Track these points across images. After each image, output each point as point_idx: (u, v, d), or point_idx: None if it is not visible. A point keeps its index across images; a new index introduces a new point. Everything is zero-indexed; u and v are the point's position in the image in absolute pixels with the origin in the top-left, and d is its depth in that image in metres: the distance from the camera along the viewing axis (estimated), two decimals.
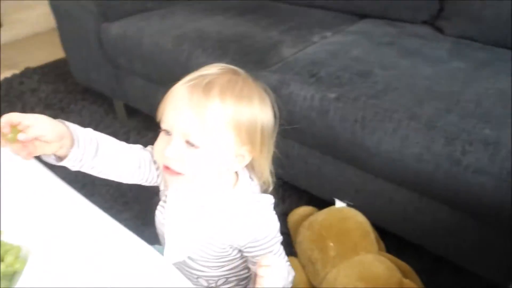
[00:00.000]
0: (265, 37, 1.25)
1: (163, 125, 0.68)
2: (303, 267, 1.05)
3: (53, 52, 2.34)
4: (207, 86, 0.65)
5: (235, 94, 0.66)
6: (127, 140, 1.60)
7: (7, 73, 2.16)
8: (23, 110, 1.84)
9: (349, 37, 1.23)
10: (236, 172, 0.75)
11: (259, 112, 0.68)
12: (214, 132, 0.65)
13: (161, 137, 0.69)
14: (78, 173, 0.91)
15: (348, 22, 1.36)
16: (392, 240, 1.08)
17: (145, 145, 0.80)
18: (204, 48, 1.21)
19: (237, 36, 1.26)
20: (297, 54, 1.16)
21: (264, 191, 0.77)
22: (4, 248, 0.65)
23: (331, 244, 1.00)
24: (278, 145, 1.11)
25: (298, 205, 1.22)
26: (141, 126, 1.69)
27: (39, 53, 2.38)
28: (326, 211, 1.08)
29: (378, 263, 0.95)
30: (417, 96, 0.93)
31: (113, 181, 1.42)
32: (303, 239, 1.06)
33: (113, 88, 1.64)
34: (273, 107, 0.71)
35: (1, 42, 2.60)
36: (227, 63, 0.72)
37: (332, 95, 0.97)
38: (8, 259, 0.63)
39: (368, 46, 1.17)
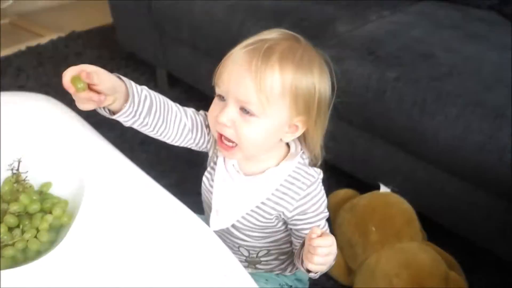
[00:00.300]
0: (320, 12, 1.21)
1: (218, 90, 0.66)
2: (341, 249, 1.02)
3: (99, 18, 2.35)
4: (267, 52, 0.62)
5: (295, 61, 0.64)
6: None
7: (53, 36, 2.18)
8: None
9: (409, 17, 1.17)
10: (287, 144, 0.73)
11: (318, 81, 0.66)
12: (271, 100, 0.63)
13: (215, 102, 0.68)
14: (117, 139, 0.91)
15: (407, 3, 1.29)
16: (435, 232, 1.03)
17: None
18: (257, 19, 1.18)
19: (292, 8, 1.22)
20: (354, 31, 1.12)
21: (312, 166, 0.75)
22: (52, 201, 0.66)
23: (373, 228, 0.97)
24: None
25: (337, 187, 1.19)
26: (183, 96, 1.68)
27: (84, 18, 2.40)
28: (369, 195, 1.04)
29: (423, 252, 0.91)
30: (484, 82, 0.88)
31: (152, 149, 1.44)
32: (343, 221, 1.03)
33: (157, 56, 1.63)
34: (331, 79, 0.69)
35: (48, 5, 2.64)
36: None
37: (391, 75, 0.92)
38: (56, 212, 0.64)
39: (429, 27, 1.11)
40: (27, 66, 1.92)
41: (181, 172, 1.38)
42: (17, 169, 0.68)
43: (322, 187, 0.73)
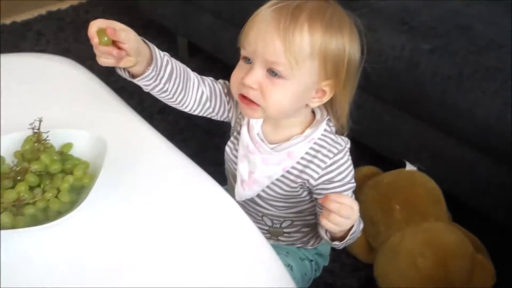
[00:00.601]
0: None
1: (244, 52, 0.64)
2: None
3: None
4: (295, 10, 0.60)
5: (325, 21, 0.61)
6: None
7: (74, 1, 2.16)
8: (87, 38, 1.84)
9: None
10: (312, 112, 0.70)
11: (348, 43, 0.63)
12: (300, 61, 0.60)
13: (240, 65, 0.65)
14: (136, 107, 0.90)
15: None
16: (462, 214, 1.00)
17: None
18: None
19: None
20: (387, 0, 1.06)
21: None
22: (73, 162, 0.65)
23: (398, 207, 0.95)
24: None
25: (359, 164, 1.16)
26: (203, 66, 1.65)
27: None
28: (395, 172, 1.01)
29: (449, 232, 0.89)
30: None
31: (171, 118, 1.42)
32: (365, 198, 1.01)
33: (179, 24, 1.60)
34: (362, 43, 0.66)
35: None
36: None
37: (426, 46, 0.88)
38: (77, 172, 0.63)
39: None
40: (47, 30, 1.90)
41: (200, 142, 1.36)
42: (38, 129, 0.66)
43: (350, 157, 0.71)
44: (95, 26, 0.58)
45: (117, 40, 0.59)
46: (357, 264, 0.99)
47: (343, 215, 0.58)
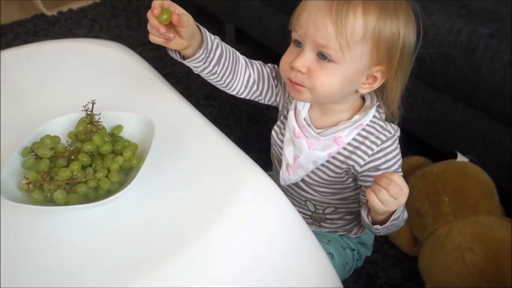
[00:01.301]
0: None
1: (295, 35, 0.63)
2: (408, 218, 0.97)
3: None
4: None
5: (380, 3, 0.59)
6: None
7: None
8: (139, 25, 1.88)
9: None
10: (362, 97, 0.69)
11: (404, 27, 0.61)
12: (351, 45, 0.59)
13: (290, 49, 0.65)
14: (183, 93, 0.91)
15: None
16: None
17: None
18: None
19: None
20: None
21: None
22: (123, 144, 0.67)
23: (446, 199, 0.91)
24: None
25: (407, 154, 1.12)
26: (250, 53, 1.63)
27: None
28: (445, 163, 0.97)
29: (501, 227, 0.84)
30: None
31: (216, 104, 1.44)
32: (412, 189, 0.96)
33: (227, 10, 1.60)
34: (417, 27, 0.64)
35: None
36: None
37: (486, 30, 0.83)
38: (127, 154, 0.64)
39: None
40: (101, 18, 1.97)
41: (244, 128, 1.37)
42: (91, 111, 0.69)
43: (398, 145, 0.69)
44: (160, 2, 0.59)
45: (177, 25, 0.60)
46: (401, 256, 0.97)
47: (392, 194, 0.58)
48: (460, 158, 0.98)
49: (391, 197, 0.58)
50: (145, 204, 0.62)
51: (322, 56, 0.60)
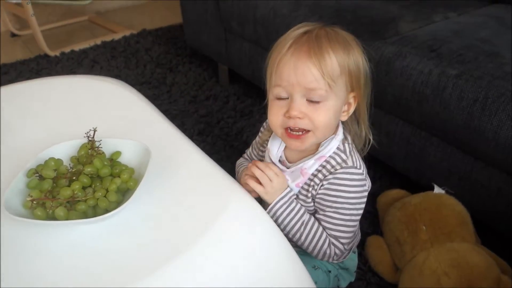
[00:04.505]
0: (383, 11, 1.21)
1: (279, 89, 0.70)
2: (388, 246, 1.02)
3: (167, 18, 2.49)
4: (317, 39, 0.68)
5: (339, 42, 0.69)
6: (227, 104, 1.67)
7: (126, 32, 2.33)
8: (137, 65, 1.98)
9: (476, 19, 1.14)
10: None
11: (360, 56, 0.71)
12: (335, 81, 0.67)
13: (276, 104, 0.71)
14: (179, 129, 0.97)
15: (476, 5, 1.26)
16: (491, 238, 1.00)
17: (243, 110, 1.02)
18: (320, 15, 1.21)
19: (354, 6, 1.24)
20: (417, 30, 1.11)
21: (362, 147, 0.78)
22: (121, 168, 0.72)
23: (424, 227, 0.96)
24: (379, 122, 1.08)
25: (389, 187, 1.18)
26: (241, 92, 1.74)
27: (154, 18, 2.54)
28: (422, 195, 1.03)
29: (475, 253, 0.89)
30: None
31: (209, 139, 1.52)
32: (392, 218, 1.03)
33: (220, 52, 1.70)
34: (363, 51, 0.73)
35: (123, 5, 2.82)
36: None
37: (453, 72, 0.91)
38: (124, 176, 0.69)
39: (497, 29, 1.08)
40: (101, 58, 2.07)
41: (235, 162, 1.42)
42: (92, 137, 0.75)
43: (361, 184, 0.74)
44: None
45: None
46: (383, 283, 1.00)
47: (263, 182, 0.74)
48: (437, 190, 1.03)
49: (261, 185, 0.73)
50: (139, 222, 0.66)
51: (311, 101, 0.68)
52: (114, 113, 0.93)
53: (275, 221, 0.73)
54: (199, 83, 1.83)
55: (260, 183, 0.74)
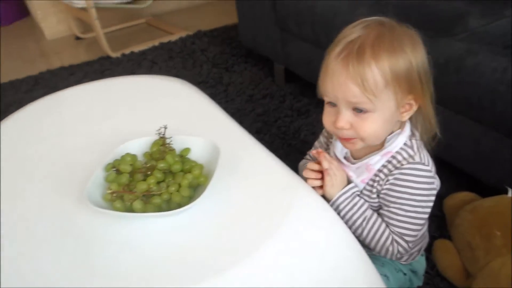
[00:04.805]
0: (449, 7, 1.17)
1: (327, 98, 0.70)
2: (458, 251, 0.98)
3: (222, 18, 2.53)
4: (359, 52, 0.65)
5: (386, 48, 0.65)
6: (283, 103, 1.67)
7: (182, 33, 2.39)
8: (194, 65, 2.03)
9: None
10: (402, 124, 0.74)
11: (413, 56, 0.67)
12: (378, 94, 0.65)
13: (327, 109, 0.72)
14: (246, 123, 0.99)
15: None
16: None
17: (300, 109, 1.12)
18: (382, 13, 1.17)
19: (418, 3, 1.20)
20: (487, 25, 1.06)
21: (429, 142, 0.75)
22: (190, 164, 0.74)
23: (498, 233, 0.91)
24: (447, 121, 1.04)
25: (455, 190, 1.13)
26: (298, 91, 1.74)
27: (209, 19, 2.59)
28: (495, 198, 0.98)
29: None
30: None
31: (267, 137, 1.52)
32: (462, 222, 0.99)
33: (277, 52, 1.70)
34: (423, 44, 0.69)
35: (178, 7, 2.89)
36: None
37: None
38: (195, 172, 0.71)
39: None
40: (159, 59, 2.13)
41: (294, 161, 1.42)
42: (163, 134, 0.77)
43: (428, 184, 0.71)
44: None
45: None
46: None
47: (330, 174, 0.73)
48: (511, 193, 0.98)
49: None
50: (209, 217, 0.67)
51: (358, 110, 0.67)
52: (180, 111, 0.95)
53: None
54: (255, 82, 1.84)
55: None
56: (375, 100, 0.65)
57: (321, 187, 0.75)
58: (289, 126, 1.53)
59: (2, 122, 0.99)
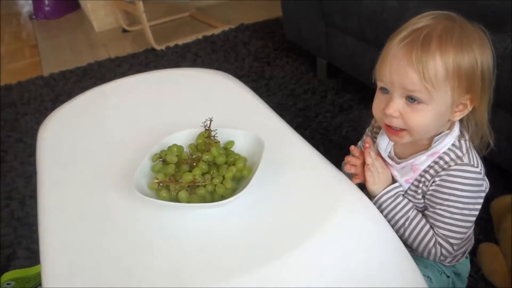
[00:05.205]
0: (502, 3, 1.12)
1: (381, 83, 0.69)
2: (505, 255, 0.94)
3: (264, 12, 2.53)
4: (425, 41, 0.63)
5: (454, 43, 0.63)
6: (325, 98, 1.65)
7: (225, 27, 2.41)
8: (236, 59, 2.04)
9: None
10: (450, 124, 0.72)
11: (479, 55, 0.65)
12: (436, 86, 0.63)
13: (378, 96, 0.71)
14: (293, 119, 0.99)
15: None
16: None
17: (342, 105, 1.07)
18: (434, 6, 1.13)
19: None
20: None
21: (481, 148, 0.73)
22: (234, 157, 0.74)
23: None
24: (498, 121, 1.00)
25: (503, 193, 1.09)
26: (340, 86, 1.72)
27: (252, 13, 2.60)
28: None
29: None
30: None
31: (307, 133, 1.51)
32: (510, 226, 0.95)
33: (320, 46, 1.69)
34: (491, 47, 0.67)
35: (222, 1, 2.92)
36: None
37: None
38: (239, 165, 0.72)
39: None
40: (202, 52, 2.17)
41: (334, 157, 1.40)
42: (209, 127, 0.78)
43: (478, 183, 0.69)
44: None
45: None
46: None
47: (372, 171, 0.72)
48: None
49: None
50: (251, 210, 0.68)
51: (411, 99, 0.65)
52: (224, 104, 0.96)
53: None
54: (296, 77, 1.84)
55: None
56: (432, 92, 0.63)
57: (358, 177, 0.75)
58: (331, 121, 1.52)
59: (52, 113, 1.03)
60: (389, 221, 0.72)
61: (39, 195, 0.78)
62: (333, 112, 1.57)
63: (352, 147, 0.78)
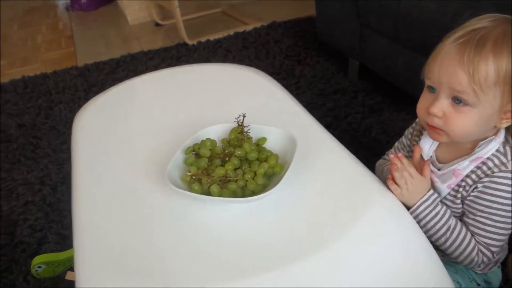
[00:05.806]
0: None
1: (429, 82, 0.68)
2: None
3: (297, 11, 2.52)
4: (479, 42, 0.61)
5: (510, 47, 0.61)
6: (355, 99, 1.64)
7: (257, 24, 2.42)
8: (267, 56, 2.04)
9: None
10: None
11: None
12: (485, 89, 0.62)
13: (425, 95, 0.70)
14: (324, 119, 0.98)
15: None
16: None
17: (373, 106, 1.01)
18: (475, 10, 1.11)
19: None
20: None
21: None
22: (266, 153, 0.75)
23: None
24: None
25: None
26: (371, 88, 1.70)
27: (284, 11, 2.59)
28: None
29: None
30: None
31: (336, 133, 1.48)
32: None
33: (353, 46, 1.67)
34: None
35: None
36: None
37: None
38: (271, 162, 0.72)
39: None
40: (233, 48, 2.17)
41: (363, 159, 1.39)
42: (242, 122, 0.79)
43: None
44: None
45: None
46: None
47: (399, 183, 0.69)
48: None
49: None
50: (281, 208, 0.68)
51: (457, 100, 0.64)
52: (255, 100, 0.97)
53: (417, 224, 0.70)
54: (326, 76, 1.82)
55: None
56: (479, 95, 0.62)
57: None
58: (360, 123, 1.50)
59: (87, 103, 1.06)
60: (428, 231, 0.70)
61: (74, 183, 0.80)
62: (363, 113, 1.55)
63: (391, 156, 0.74)
